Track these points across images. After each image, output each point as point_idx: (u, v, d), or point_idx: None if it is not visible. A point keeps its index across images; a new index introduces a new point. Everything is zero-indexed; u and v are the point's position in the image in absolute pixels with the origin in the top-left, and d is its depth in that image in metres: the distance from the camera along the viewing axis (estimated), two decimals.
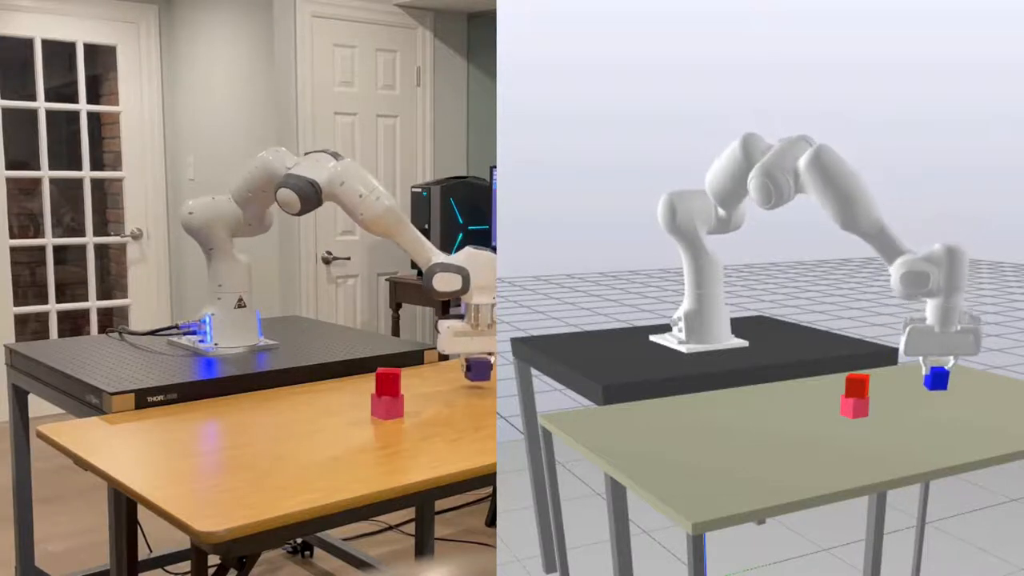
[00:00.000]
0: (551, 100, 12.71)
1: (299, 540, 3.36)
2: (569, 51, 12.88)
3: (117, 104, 5.35)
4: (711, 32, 12.72)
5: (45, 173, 5.12)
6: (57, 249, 5.35)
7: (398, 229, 2.20)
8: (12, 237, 5.09)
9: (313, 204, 2.21)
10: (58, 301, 5.29)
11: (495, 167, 4.47)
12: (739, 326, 2.55)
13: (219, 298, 2.44)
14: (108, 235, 5.49)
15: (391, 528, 3.59)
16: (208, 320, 2.44)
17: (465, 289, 2.16)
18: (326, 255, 4.81)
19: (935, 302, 1.88)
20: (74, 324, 5.74)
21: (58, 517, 3.73)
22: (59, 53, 5.23)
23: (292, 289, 4.71)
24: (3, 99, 4.97)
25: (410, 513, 3.68)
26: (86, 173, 5.25)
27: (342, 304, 4.90)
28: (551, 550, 2.59)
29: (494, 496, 3.73)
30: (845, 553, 2.75)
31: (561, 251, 11.52)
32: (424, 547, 2.83)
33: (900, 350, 1.92)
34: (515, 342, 2.41)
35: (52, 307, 5.25)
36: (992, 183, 12.35)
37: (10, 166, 5.04)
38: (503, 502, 3.23)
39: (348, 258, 4.88)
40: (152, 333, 2.64)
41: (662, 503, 1.31)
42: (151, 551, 3.09)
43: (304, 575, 3.21)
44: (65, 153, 5.40)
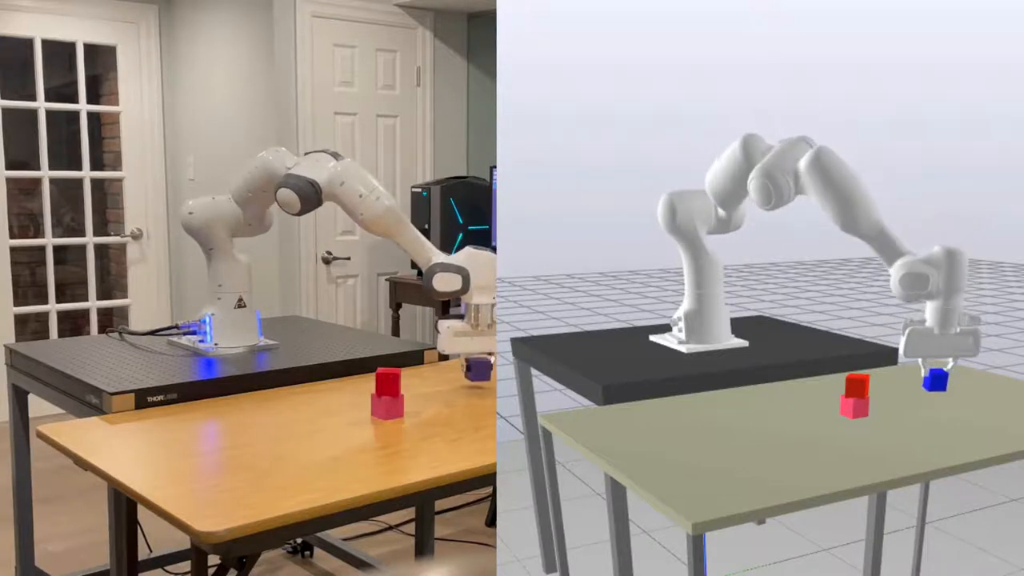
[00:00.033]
0: (551, 100, 12.71)
1: (299, 540, 3.36)
2: (569, 51, 12.89)
3: (117, 104, 5.35)
4: (711, 32, 12.72)
5: (45, 173, 5.12)
6: (57, 249, 5.35)
7: (398, 229, 2.20)
8: (12, 237, 5.10)
9: (313, 204, 2.21)
10: (58, 301, 5.29)
11: (495, 167, 4.47)
12: (739, 326, 2.55)
13: (219, 298, 2.44)
14: (108, 235, 5.49)
15: (391, 528, 3.60)
16: (208, 320, 2.44)
17: (465, 289, 2.16)
18: (326, 255, 4.81)
19: (935, 304, 1.88)
20: (74, 324, 5.74)
21: (58, 517, 3.73)
22: (59, 53, 5.23)
23: (292, 289, 4.71)
24: (3, 99, 4.98)
25: (410, 513, 3.68)
26: (86, 173, 5.25)
27: (342, 304, 4.91)
28: (551, 550, 2.59)
29: (494, 496, 3.73)
30: (845, 553, 2.75)
31: (561, 251, 11.53)
32: (424, 547, 2.83)
33: (900, 351, 1.92)
34: (515, 342, 2.41)
35: (52, 307, 5.25)
36: (992, 183, 12.36)
37: (10, 166, 5.04)
38: (503, 502, 3.23)
39: (348, 258, 4.88)
40: (152, 333, 2.64)
41: (662, 503, 1.31)
42: (151, 551, 3.09)
43: (304, 575, 3.22)
44: (65, 153, 5.40)
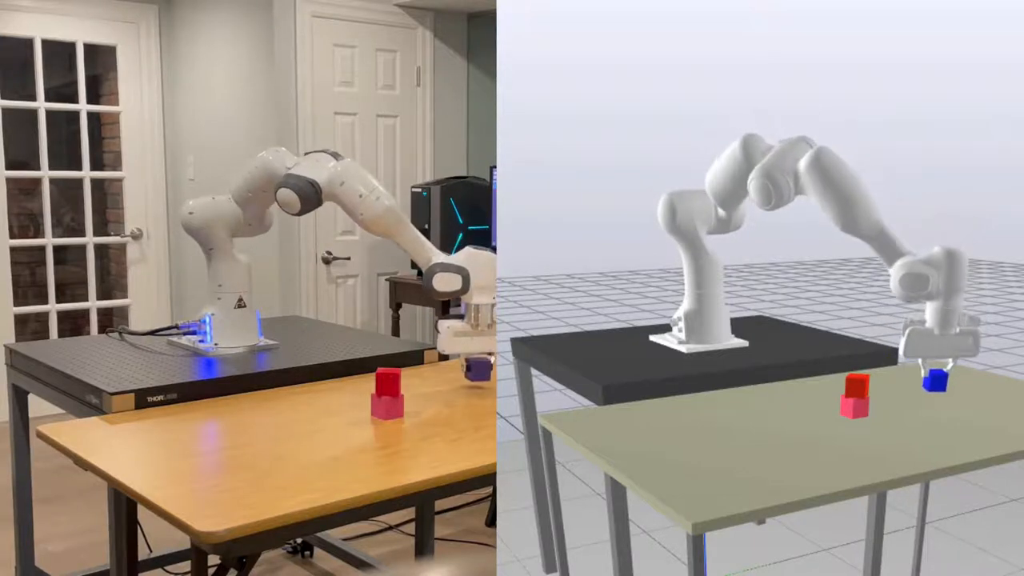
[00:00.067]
0: (551, 100, 12.71)
1: (299, 540, 3.36)
2: (569, 51, 12.89)
3: (117, 104, 5.35)
4: (711, 32, 12.72)
5: (45, 173, 5.12)
6: (57, 249, 5.35)
7: (398, 229, 2.20)
8: (12, 237, 5.10)
9: (313, 204, 2.21)
10: (58, 301, 5.29)
11: (495, 167, 4.47)
12: (739, 326, 2.55)
13: (219, 298, 2.44)
14: (108, 235, 5.49)
15: (391, 528, 3.60)
16: (208, 320, 2.44)
17: (465, 289, 2.16)
18: (326, 255, 4.81)
19: (934, 304, 1.88)
20: (74, 324, 5.74)
21: (58, 517, 3.73)
22: (59, 53, 5.23)
23: (292, 289, 4.71)
24: (3, 99, 4.98)
25: (410, 513, 3.68)
26: (86, 173, 5.25)
27: (342, 304, 4.91)
28: (551, 550, 2.59)
29: (494, 496, 3.73)
30: (845, 553, 2.75)
31: (561, 251, 11.53)
32: (424, 547, 2.83)
33: (900, 351, 1.92)
34: (515, 342, 2.41)
35: (52, 307, 5.25)
36: (992, 183, 12.36)
37: (10, 166, 5.04)
38: (503, 502, 3.23)
39: (348, 258, 4.88)
40: (152, 333, 2.64)
41: (662, 503, 1.31)
42: (151, 551, 3.09)
43: (304, 575, 3.22)
44: (65, 153, 5.40)
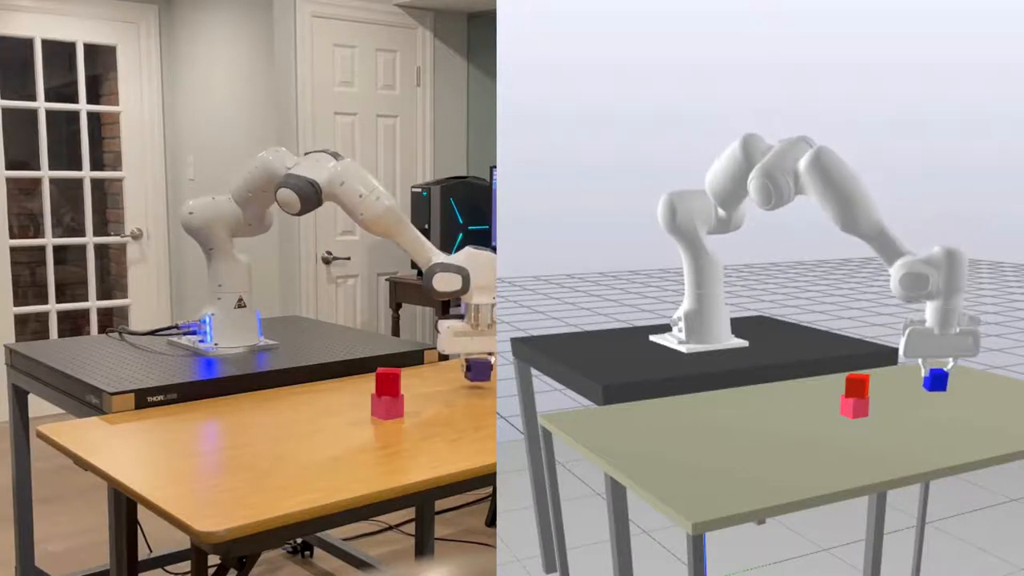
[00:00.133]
0: (551, 100, 12.71)
1: (299, 540, 3.36)
2: (569, 51, 12.89)
3: (117, 104, 5.35)
4: (711, 32, 12.72)
5: (45, 173, 5.12)
6: (57, 249, 5.35)
7: (398, 229, 2.20)
8: (12, 237, 5.10)
9: (313, 204, 2.21)
10: (58, 301, 5.29)
11: (495, 167, 4.47)
12: (739, 326, 2.55)
13: (219, 298, 2.44)
14: (108, 235, 5.49)
15: (391, 528, 3.60)
16: (208, 320, 2.44)
17: (465, 289, 2.16)
18: (326, 255, 4.81)
19: (934, 304, 1.88)
20: (74, 324, 5.74)
21: (58, 517, 3.73)
22: (59, 53, 5.23)
23: (292, 289, 4.71)
24: (3, 99, 4.98)
25: (410, 513, 3.68)
26: (86, 173, 5.25)
27: (342, 304, 4.90)
28: (551, 550, 2.59)
29: (494, 496, 3.73)
30: (845, 553, 2.75)
31: (561, 251, 11.53)
32: (424, 547, 2.83)
33: (900, 351, 1.92)
34: (515, 342, 2.41)
35: (52, 307, 5.25)
36: (992, 183, 12.36)
37: (10, 166, 5.04)
38: (503, 502, 3.23)
39: (348, 258, 4.88)
40: (152, 333, 2.64)
41: (662, 503, 1.31)
42: (151, 551, 3.09)
43: (304, 575, 3.22)
44: (65, 153, 5.40)
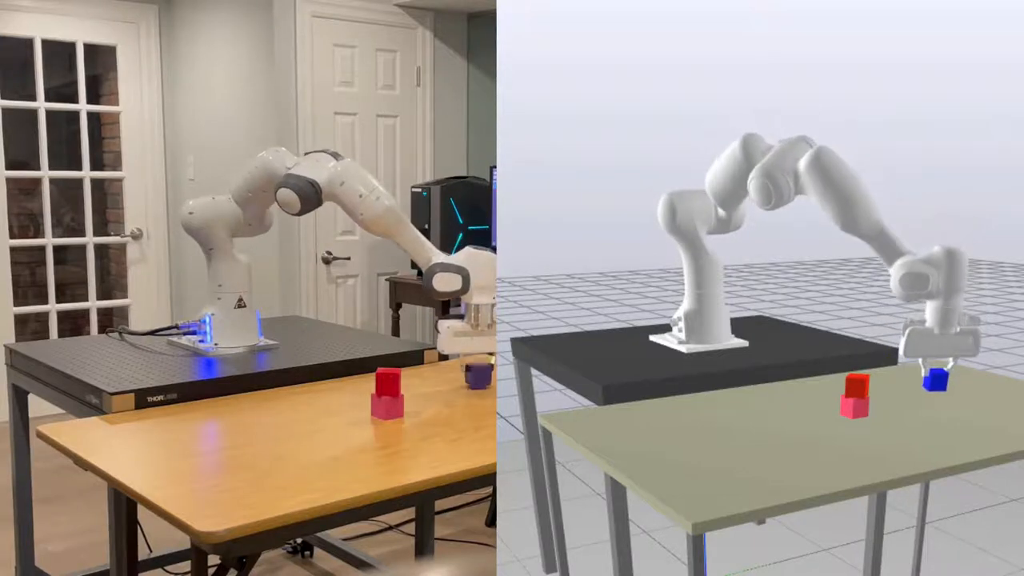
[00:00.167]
0: (551, 100, 12.72)
1: (299, 540, 3.36)
2: (569, 51, 12.89)
3: (117, 104, 5.35)
4: (711, 32, 12.72)
5: (45, 173, 5.12)
6: (57, 249, 5.35)
7: (398, 229, 2.20)
8: (12, 237, 5.10)
9: (313, 204, 2.21)
10: (58, 301, 5.29)
11: (495, 167, 4.47)
12: (739, 326, 2.55)
13: (219, 298, 2.44)
14: (108, 235, 5.49)
15: (391, 528, 3.60)
16: (208, 320, 2.44)
17: (465, 289, 2.16)
18: (326, 255, 4.81)
19: (935, 304, 1.88)
20: (74, 324, 5.74)
21: (58, 517, 3.73)
22: (59, 53, 5.23)
23: (292, 289, 4.71)
24: (3, 99, 4.98)
25: (410, 513, 3.68)
26: (86, 173, 5.25)
27: (342, 304, 4.90)
28: (551, 550, 2.59)
29: (494, 496, 3.73)
30: (845, 553, 2.75)
31: (561, 251, 11.53)
32: (424, 547, 2.83)
33: (900, 351, 1.92)
34: (515, 342, 2.41)
35: (52, 307, 5.25)
36: (992, 183, 12.36)
37: (10, 166, 5.04)
38: (503, 502, 3.23)
39: (348, 258, 4.88)
40: (152, 333, 2.64)
41: (662, 503, 1.31)
42: (151, 551, 3.09)
43: (304, 575, 3.22)
44: (65, 153, 5.40)
